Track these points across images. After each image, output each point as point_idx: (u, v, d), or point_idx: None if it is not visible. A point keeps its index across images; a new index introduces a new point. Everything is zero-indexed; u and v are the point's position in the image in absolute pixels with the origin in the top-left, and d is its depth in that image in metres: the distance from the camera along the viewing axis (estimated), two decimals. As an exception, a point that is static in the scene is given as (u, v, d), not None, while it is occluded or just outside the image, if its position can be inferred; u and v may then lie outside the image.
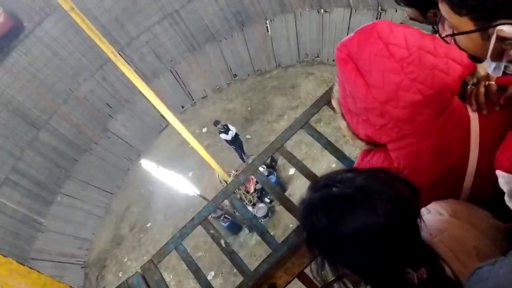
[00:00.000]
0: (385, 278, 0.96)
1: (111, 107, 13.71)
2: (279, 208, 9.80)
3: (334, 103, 1.52)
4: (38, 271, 1.72)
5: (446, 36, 1.05)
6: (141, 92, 8.11)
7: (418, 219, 0.97)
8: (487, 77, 1.32)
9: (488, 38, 0.92)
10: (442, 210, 1.21)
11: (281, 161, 10.71)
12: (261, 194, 10.30)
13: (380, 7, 10.71)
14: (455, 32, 0.99)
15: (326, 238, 0.96)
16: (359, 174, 1.00)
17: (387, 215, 0.91)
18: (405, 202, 0.95)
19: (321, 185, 1.01)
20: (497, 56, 0.96)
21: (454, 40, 1.03)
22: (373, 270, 0.95)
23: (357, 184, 0.96)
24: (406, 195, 0.96)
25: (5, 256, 1.66)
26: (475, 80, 1.36)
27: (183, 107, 14.74)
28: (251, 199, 10.10)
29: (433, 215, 1.19)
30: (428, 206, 1.26)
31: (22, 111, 11.83)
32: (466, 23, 0.93)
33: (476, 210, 1.23)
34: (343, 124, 1.50)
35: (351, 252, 0.94)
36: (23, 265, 1.67)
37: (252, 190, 10.18)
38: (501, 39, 0.90)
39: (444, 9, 0.95)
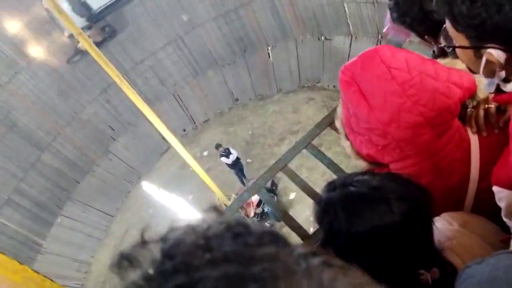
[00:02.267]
0: (398, 278, 0.99)
1: (113, 130, 13.79)
2: (280, 231, 9.72)
3: (337, 123, 1.57)
4: (51, 280, 1.73)
5: (445, 46, 1.10)
6: (143, 115, 8.19)
7: (432, 222, 1.01)
8: (486, 100, 1.37)
9: (481, 57, 0.97)
10: (452, 220, 1.24)
11: (281, 185, 10.70)
12: (261, 218, 10.25)
13: (380, 35, 10.91)
14: (455, 44, 1.05)
15: (343, 236, 0.99)
16: (374, 175, 1.04)
17: (402, 214, 0.95)
18: (419, 203, 0.99)
19: (338, 185, 1.05)
20: (489, 74, 1.00)
21: (453, 49, 1.09)
22: (387, 269, 0.97)
23: (374, 184, 1.00)
24: (420, 197, 0.99)
25: (21, 264, 1.68)
26: (474, 103, 1.41)
27: (184, 130, 14.83)
28: (252, 223, 10.04)
29: (443, 225, 1.22)
30: (437, 217, 1.29)
31: (26, 133, 11.89)
32: (462, 39, 0.98)
33: (485, 223, 1.26)
34: (346, 144, 1.55)
35: (366, 251, 0.97)
36: (38, 273, 1.69)
37: (252, 214, 10.15)
38: (490, 61, 0.95)
39: (447, 22, 1.01)
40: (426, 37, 1.68)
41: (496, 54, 0.92)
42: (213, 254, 0.35)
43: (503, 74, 0.98)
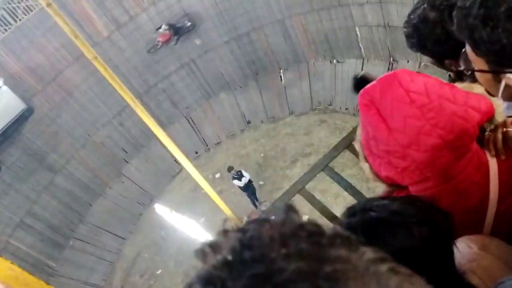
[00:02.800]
0: None
1: (126, 152, 13.92)
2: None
3: (356, 145, 1.59)
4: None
5: (465, 69, 1.12)
6: (156, 138, 8.29)
7: (453, 245, 1.01)
8: (505, 123, 1.38)
9: (500, 81, 0.98)
10: (472, 243, 1.24)
11: (299, 208, 10.62)
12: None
13: (392, 58, 10.99)
14: (475, 68, 1.06)
15: None
16: (394, 200, 1.05)
17: (423, 238, 0.96)
18: (439, 227, 0.99)
19: (358, 210, 1.06)
20: (507, 98, 1.02)
21: (473, 73, 1.10)
22: None
23: (394, 209, 1.01)
24: (441, 221, 1.00)
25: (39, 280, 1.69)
26: (492, 127, 1.42)
27: (197, 152, 14.90)
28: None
29: (463, 248, 1.22)
30: (457, 240, 1.29)
31: (40, 155, 12.07)
32: (481, 63, 1.00)
33: (505, 246, 1.25)
34: (365, 166, 1.56)
35: None
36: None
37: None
38: (509, 86, 0.96)
39: (467, 46, 1.02)
40: (446, 61, 1.70)
41: None
42: (288, 249, 0.37)
43: None
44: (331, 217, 2.29)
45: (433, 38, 1.64)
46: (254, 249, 0.38)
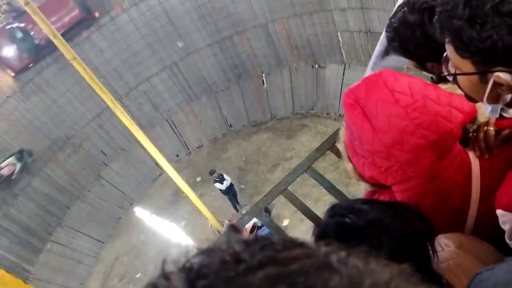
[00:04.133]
0: None
1: (106, 155, 13.72)
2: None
3: (340, 146, 1.58)
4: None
5: (448, 75, 1.12)
6: (136, 141, 8.19)
7: (430, 252, 1.01)
8: (487, 123, 1.39)
9: (486, 82, 0.98)
10: (449, 242, 1.25)
11: (275, 212, 10.65)
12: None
13: (372, 63, 11.12)
14: (458, 72, 1.06)
15: None
16: (374, 208, 1.04)
17: (391, 252, 0.95)
18: (414, 239, 0.98)
19: (337, 212, 1.05)
20: (493, 99, 1.02)
21: (455, 78, 1.10)
22: None
23: (370, 218, 1.00)
24: (418, 231, 0.99)
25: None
26: (475, 127, 1.44)
27: (178, 156, 14.80)
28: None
29: (439, 247, 1.23)
30: (434, 239, 1.30)
31: (17, 157, 11.80)
32: (467, 65, 1.00)
33: (482, 244, 1.26)
34: (349, 166, 1.56)
35: None
36: None
37: (245, 240, 10.03)
38: (498, 84, 0.97)
39: (449, 49, 1.02)
40: (428, 64, 1.71)
41: (504, 76, 0.94)
42: (247, 263, 0.34)
43: (508, 97, 1.00)
44: (314, 218, 2.29)
45: (414, 41, 1.65)
46: (207, 276, 0.34)
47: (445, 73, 1.16)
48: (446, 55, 1.08)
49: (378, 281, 0.33)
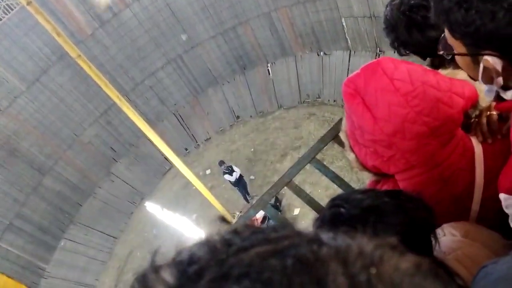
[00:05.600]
0: None
1: (115, 151, 13.81)
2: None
3: (342, 136, 1.58)
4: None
5: (444, 53, 1.12)
6: (144, 136, 8.24)
7: (432, 239, 0.99)
8: (489, 108, 1.37)
9: (478, 64, 0.98)
10: (455, 231, 1.23)
11: (285, 201, 10.66)
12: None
13: (378, 49, 11.00)
14: (454, 51, 1.06)
15: None
16: (369, 196, 1.03)
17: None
18: (411, 226, 0.97)
19: (334, 204, 1.05)
20: (487, 81, 1.02)
21: (453, 57, 1.10)
22: None
23: (364, 206, 0.99)
24: (416, 218, 0.98)
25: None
26: (477, 112, 1.42)
27: (186, 149, 14.85)
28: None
29: (446, 236, 1.21)
30: (439, 228, 1.28)
31: (28, 157, 11.93)
32: (459, 46, 1.00)
33: (487, 232, 1.25)
34: (351, 156, 1.55)
35: None
36: None
37: (257, 231, 10.06)
38: (487, 68, 0.96)
39: (445, 29, 1.02)
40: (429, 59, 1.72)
41: (492, 61, 0.93)
42: (238, 245, 0.35)
43: (500, 80, 0.99)
44: (319, 209, 2.29)
45: (414, 42, 1.68)
46: (197, 262, 0.35)
47: (441, 52, 1.16)
48: (444, 35, 1.08)
49: (364, 250, 0.34)
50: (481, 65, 0.96)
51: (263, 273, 0.31)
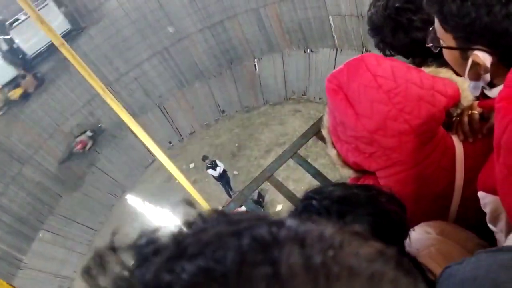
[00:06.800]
0: None
1: (97, 142, 13.64)
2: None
3: (324, 132, 1.57)
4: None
5: (432, 46, 1.11)
6: (127, 128, 8.12)
7: (405, 236, 0.98)
8: (470, 107, 1.38)
9: (467, 59, 0.97)
10: (430, 229, 1.24)
11: (268, 197, 10.68)
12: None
13: (364, 48, 11.07)
14: (443, 44, 1.05)
15: None
16: (340, 188, 1.02)
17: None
18: (383, 218, 0.95)
19: (307, 197, 1.04)
20: (474, 77, 1.01)
21: (440, 53, 1.09)
22: None
23: (334, 196, 0.98)
24: (388, 211, 0.97)
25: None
26: (459, 111, 1.42)
27: (170, 142, 14.74)
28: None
29: (420, 234, 1.21)
30: (416, 227, 1.29)
31: (6, 146, 11.69)
32: (449, 39, 0.99)
33: (463, 231, 1.26)
34: (333, 152, 1.54)
35: None
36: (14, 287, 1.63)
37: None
38: (476, 63, 0.95)
39: (436, 21, 1.01)
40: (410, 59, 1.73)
41: (482, 56, 0.93)
42: (200, 226, 0.36)
43: (488, 77, 0.98)
44: (297, 203, 2.28)
45: (399, 44, 1.68)
46: (156, 242, 0.36)
47: (430, 45, 1.15)
48: (433, 27, 1.07)
49: (324, 234, 0.34)
50: (470, 61, 0.96)
51: (217, 251, 0.31)
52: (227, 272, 0.30)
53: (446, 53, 1.07)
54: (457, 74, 1.14)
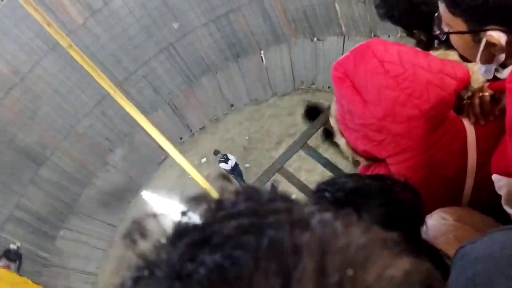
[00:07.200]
0: None
1: (110, 141, 13.75)
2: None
3: (332, 121, 1.55)
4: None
5: (440, 33, 1.08)
6: (139, 125, 8.17)
7: (421, 224, 0.98)
8: (481, 89, 1.35)
9: (479, 41, 0.95)
10: (446, 215, 1.22)
11: (280, 188, 10.62)
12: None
13: (372, 33, 10.93)
14: (450, 31, 1.02)
15: None
16: (353, 179, 1.01)
17: (372, 220, 0.91)
18: (397, 208, 0.94)
19: (319, 189, 1.03)
20: (487, 59, 0.98)
21: (447, 38, 1.06)
22: None
23: (348, 188, 0.97)
24: (402, 200, 0.96)
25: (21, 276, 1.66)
26: (469, 94, 1.40)
27: (181, 138, 14.78)
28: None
29: (437, 220, 1.20)
30: (431, 213, 1.27)
31: (24, 148, 11.86)
32: (459, 24, 0.96)
33: (480, 215, 1.24)
34: (341, 141, 1.53)
35: None
36: (38, 284, 1.67)
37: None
38: (491, 44, 0.92)
39: (441, 7, 0.98)
40: (414, 31, 1.68)
41: (497, 36, 0.90)
42: (226, 211, 0.36)
43: (502, 57, 0.96)
44: (310, 194, 2.27)
45: (400, 8, 1.62)
46: (187, 222, 0.36)
47: (437, 32, 1.12)
48: (438, 13, 1.04)
49: (350, 244, 0.32)
50: (483, 42, 0.93)
51: (235, 249, 0.31)
52: (239, 277, 0.30)
53: (455, 39, 1.04)
54: (465, 60, 1.12)
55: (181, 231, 0.36)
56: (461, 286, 0.67)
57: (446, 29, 1.04)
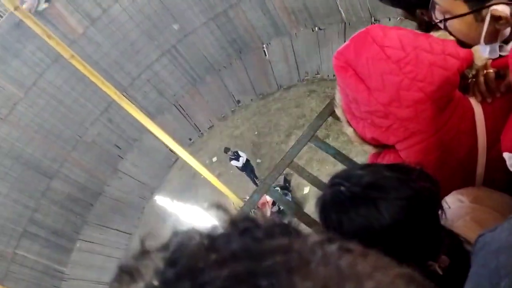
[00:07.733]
0: None
1: (119, 148, 13.83)
2: (292, 221, 9.77)
3: (338, 111, 1.54)
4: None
5: (440, 21, 1.06)
6: (147, 130, 8.21)
7: (439, 210, 0.97)
8: (485, 66, 1.33)
9: (482, 20, 0.93)
10: (462, 197, 1.21)
11: (294, 181, 10.67)
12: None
13: (373, 18, 10.85)
14: (448, 16, 1.01)
15: (337, 234, 0.96)
16: (368, 171, 1.00)
17: (392, 214, 0.90)
18: (416, 199, 0.93)
19: (334, 182, 1.02)
20: (491, 37, 0.97)
21: (445, 25, 1.04)
22: None
23: (364, 183, 0.96)
24: (420, 190, 0.95)
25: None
26: (474, 72, 1.38)
27: (190, 139, 14.84)
28: (269, 223, 10.02)
29: (453, 203, 1.19)
30: (447, 196, 1.26)
31: (33, 163, 11.98)
32: (459, 6, 0.94)
33: (497, 195, 1.22)
34: (349, 130, 1.52)
35: None
36: None
37: (268, 214, 10.12)
38: (495, 19, 0.91)
39: None
40: (417, 11, 1.65)
41: (501, 9, 0.89)
42: (219, 253, 0.33)
43: (507, 31, 0.94)
44: (323, 188, 2.26)
45: None
46: (178, 263, 0.33)
47: (436, 21, 1.10)
48: (433, 1, 1.03)
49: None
50: (487, 18, 0.92)
51: None
52: None
53: (456, 24, 1.02)
54: (463, 46, 1.09)
55: (168, 281, 0.33)
56: (485, 278, 0.65)
57: (441, 16, 1.03)
